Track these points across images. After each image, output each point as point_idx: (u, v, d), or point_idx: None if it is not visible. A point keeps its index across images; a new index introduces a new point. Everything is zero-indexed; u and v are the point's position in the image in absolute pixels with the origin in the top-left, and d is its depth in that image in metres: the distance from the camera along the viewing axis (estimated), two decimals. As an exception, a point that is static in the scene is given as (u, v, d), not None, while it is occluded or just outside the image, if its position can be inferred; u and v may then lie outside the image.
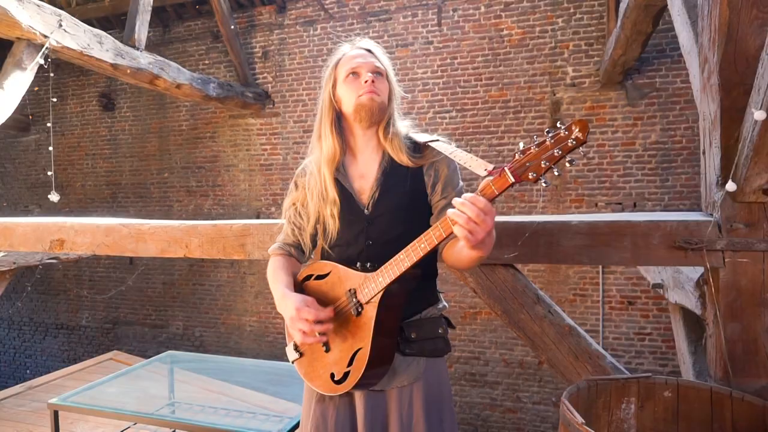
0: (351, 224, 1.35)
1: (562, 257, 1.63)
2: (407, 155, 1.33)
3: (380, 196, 1.34)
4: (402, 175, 1.34)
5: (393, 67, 1.42)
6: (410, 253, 1.15)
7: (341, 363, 1.24)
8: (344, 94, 1.34)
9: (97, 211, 7.48)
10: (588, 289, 5.41)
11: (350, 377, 1.21)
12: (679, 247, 1.51)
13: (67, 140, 7.71)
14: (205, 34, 6.88)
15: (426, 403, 1.30)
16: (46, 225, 2.39)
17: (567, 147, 0.99)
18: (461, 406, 5.83)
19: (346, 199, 1.35)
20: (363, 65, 1.33)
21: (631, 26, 3.54)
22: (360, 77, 1.32)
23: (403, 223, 1.31)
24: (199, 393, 3.02)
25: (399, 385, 1.30)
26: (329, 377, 1.26)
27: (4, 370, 8.38)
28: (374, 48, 1.40)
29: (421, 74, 5.89)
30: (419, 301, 1.34)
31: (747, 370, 1.48)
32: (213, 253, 2.07)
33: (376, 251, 1.29)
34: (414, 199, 1.34)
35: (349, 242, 1.35)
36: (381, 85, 1.34)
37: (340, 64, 1.37)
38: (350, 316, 1.25)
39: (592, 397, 1.49)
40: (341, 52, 1.40)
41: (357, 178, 1.38)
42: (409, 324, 1.32)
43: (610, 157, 5.30)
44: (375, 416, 1.28)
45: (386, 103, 1.35)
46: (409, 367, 1.30)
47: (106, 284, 7.53)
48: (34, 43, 3.70)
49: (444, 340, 1.38)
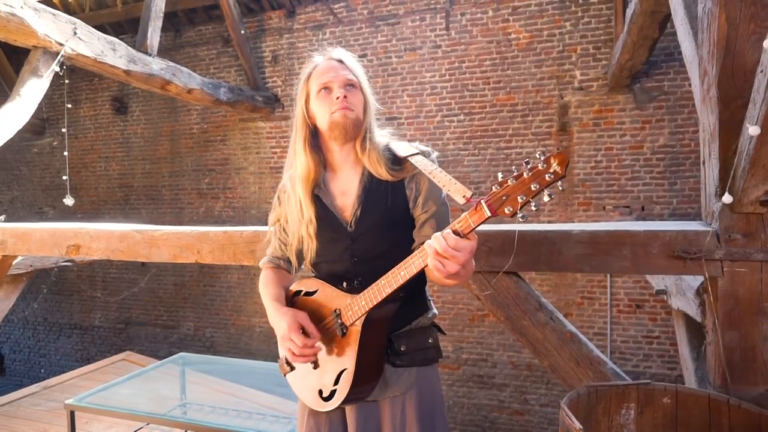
0: (335, 242, 1.33)
1: (563, 265, 1.67)
2: (386, 169, 1.30)
3: (362, 213, 1.32)
4: (383, 191, 1.31)
5: (366, 75, 1.38)
6: (391, 281, 1.15)
7: (328, 381, 1.25)
8: (317, 110, 1.31)
9: (109, 213, 7.60)
10: (596, 292, 5.42)
11: (337, 395, 1.23)
12: (678, 256, 1.54)
13: (81, 143, 7.84)
14: (215, 38, 6.97)
15: (419, 411, 1.30)
16: (63, 231, 2.46)
17: (545, 181, 0.96)
18: (469, 407, 5.85)
19: (328, 216, 1.34)
20: (334, 79, 1.29)
21: (637, 32, 3.56)
22: (332, 93, 1.29)
23: (387, 239, 1.30)
24: (210, 394, 3.08)
25: (391, 395, 1.30)
26: (318, 394, 1.27)
27: (19, 369, 8.54)
28: (346, 58, 1.35)
29: (429, 78, 5.93)
30: (409, 312, 1.33)
31: (745, 378, 1.51)
32: (224, 259, 2.13)
33: (362, 268, 1.29)
34: (397, 214, 1.32)
35: (335, 259, 1.34)
36: (354, 99, 1.30)
37: (311, 78, 1.33)
38: (336, 336, 1.26)
39: (592, 402, 1.52)
40: (313, 64, 1.35)
41: (338, 195, 1.36)
42: (398, 336, 1.31)
43: (618, 161, 5.31)
44: (368, 427, 1.30)
45: (361, 117, 1.31)
46: (401, 378, 1.31)
47: (119, 285, 7.65)
48: (49, 51, 3.79)
49: (435, 348, 1.37)
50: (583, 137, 5.41)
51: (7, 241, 2.59)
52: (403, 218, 1.33)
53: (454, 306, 5.85)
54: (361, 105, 1.32)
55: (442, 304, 5.90)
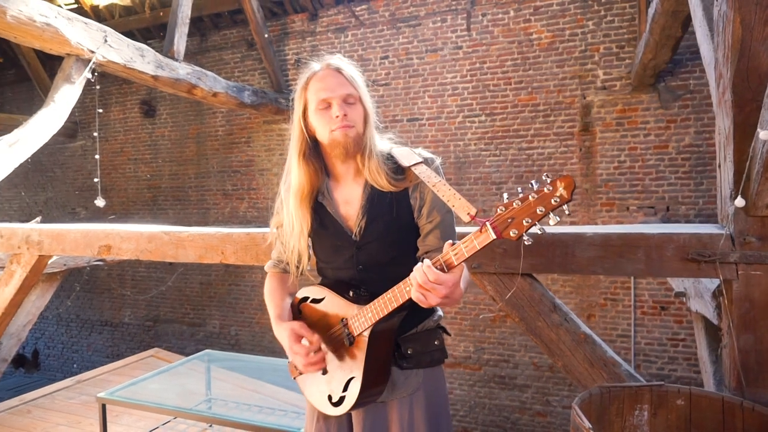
0: (339, 249, 1.34)
1: (577, 268, 1.69)
2: (388, 180, 1.28)
3: (367, 224, 1.32)
4: (387, 201, 1.31)
5: (366, 83, 1.35)
6: (397, 295, 1.16)
7: (337, 388, 1.28)
8: (317, 124, 1.29)
9: (138, 214, 7.82)
10: (619, 293, 5.36)
11: (346, 402, 1.25)
12: (693, 259, 1.55)
13: (111, 146, 8.08)
14: (240, 42, 7.11)
15: (426, 411, 1.33)
16: (95, 232, 2.57)
17: (551, 205, 0.96)
18: (490, 408, 5.86)
19: (332, 224, 1.34)
20: (333, 95, 1.26)
21: (659, 31, 3.52)
22: (331, 109, 1.26)
23: (392, 248, 1.31)
24: (234, 390, 3.17)
25: (399, 396, 1.33)
26: (327, 399, 1.29)
27: (52, 364, 8.85)
28: (345, 67, 1.31)
29: (451, 79, 5.94)
30: (415, 316, 1.33)
31: (760, 381, 1.51)
32: (247, 259, 2.20)
33: (368, 275, 1.30)
34: (401, 223, 1.32)
35: (340, 266, 1.36)
36: (354, 114, 1.28)
37: (309, 88, 1.30)
38: (344, 344, 1.28)
39: (604, 403, 1.54)
40: (310, 72, 1.32)
41: (342, 204, 1.35)
42: (405, 339, 1.33)
43: (642, 161, 5.24)
44: (376, 428, 1.33)
45: (361, 132, 1.29)
46: (408, 380, 1.33)
47: (147, 284, 7.86)
48: (81, 58, 3.94)
49: (440, 350, 1.39)
50: (606, 137, 5.36)
51: (44, 242, 2.71)
52: (408, 227, 1.33)
53: (476, 306, 5.86)
54: (361, 119, 1.29)
55: (464, 304, 5.91)
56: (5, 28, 3.49)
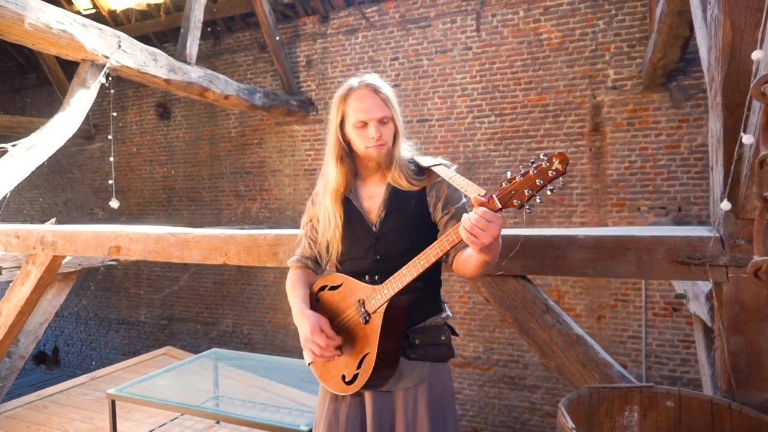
0: (360, 240, 1.47)
1: (569, 269, 1.70)
2: (408, 180, 1.44)
3: (386, 215, 1.46)
4: (407, 197, 1.46)
5: (397, 98, 1.48)
6: (411, 269, 1.27)
7: (351, 366, 1.37)
8: (353, 137, 1.44)
9: (154, 215, 7.96)
10: (630, 294, 5.32)
11: (359, 379, 1.34)
12: (683, 262, 1.56)
13: (127, 147, 8.24)
14: (252, 45, 7.20)
15: (430, 404, 1.41)
16: (105, 233, 2.65)
17: (548, 177, 1.08)
18: (500, 408, 5.86)
19: (356, 216, 1.48)
20: (370, 117, 1.40)
21: (667, 31, 3.50)
22: (368, 128, 1.41)
23: (408, 240, 1.42)
24: (241, 388, 3.24)
25: (405, 386, 1.41)
26: (341, 378, 1.39)
27: (72, 361, 9.06)
28: (382, 87, 1.44)
29: (460, 79, 5.95)
30: (424, 310, 1.45)
31: (750, 384, 1.51)
32: (249, 260, 2.26)
33: (384, 266, 1.40)
34: (418, 218, 1.45)
35: (359, 257, 1.48)
36: (387, 133, 1.43)
37: (348, 103, 1.43)
38: (359, 324, 1.38)
39: (594, 404, 1.56)
40: (348, 87, 1.45)
41: (366, 198, 1.50)
42: (414, 331, 1.44)
43: (654, 161, 5.20)
44: (383, 415, 1.41)
45: (391, 148, 1.45)
46: (414, 371, 1.42)
47: (162, 283, 8.01)
48: (96, 63, 4.04)
49: (447, 346, 1.48)
50: (616, 137, 5.32)
51: (57, 243, 2.80)
52: (424, 222, 1.46)
53: (485, 307, 5.86)
54: (392, 136, 1.45)
55: (473, 305, 5.92)
56: (23, 35, 3.60)
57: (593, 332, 5.41)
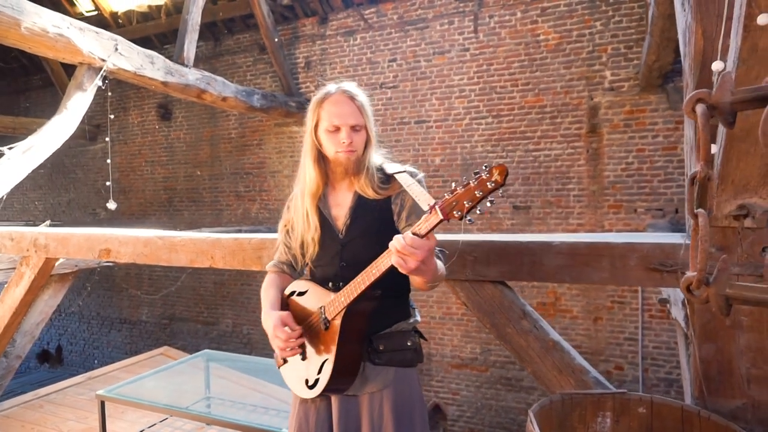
0: (328, 247, 1.50)
1: (545, 275, 1.71)
2: (374, 189, 1.46)
3: (352, 222, 1.48)
4: (373, 206, 1.47)
5: (372, 108, 1.50)
6: (365, 278, 1.29)
7: (313, 370, 1.41)
8: (324, 141, 1.46)
9: (155, 215, 8.02)
10: (626, 296, 5.32)
11: (319, 383, 1.37)
12: (655, 269, 1.56)
13: (129, 148, 8.30)
14: (252, 46, 7.24)
15: (395, 408, 1.42)
16: (96, 236, 2.68)
17: (487, 189, 1.09)
18: (497, 410, 5.86)
19: (324, 224, 1.51)
20: (343, 123, 1.42)
21: (659, 33, 3.49)
22: (340, 133, 1.43)
23: (373, 248, 1.39)
24: (233, 389, 3.27)
25: (370, 391, 1.43)
26: (304, 383, 1.43)
27: (75, 360, 9.14)
28: (357, 95, 1.46)
29: (458, 81, 5.96)
30: (389, 316, 1.47)
31: (721, 391, 1.51)
32: (234, 264, 2.28)
33: (349, 273, 1.39)
34: (383, 226, 1.46)
35: (326, 263, 1.50)
36: (358, 140, 1.45)
37: (324, 107, 1.45)
38: (321, 330, 1.40)
39: (566, 410, 1.57)
40: (325, 91, 1.48)
41: (334, 206, 1.52)
42: (378, 336, 1.45)
43: (651, 162, 5.19)
44: (349, 419, 1.43)
45: (362, 155, 1.47)
46: (379, 376, 1.43)
47: (163, 283, 8.06)
48: (93, 66, 4.09)
49: (413, 351, 1.49)
50: (613, 139, 5.31)
51: (50, 245, 2.84)
52: (389, 230, 1.44)
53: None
54: (363, 144, 1.47)
55: (470, 306, 5.92)
56: (20, 39, 3.64)
57: (590, 334, 5.41)
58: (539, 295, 5.65)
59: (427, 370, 6.17)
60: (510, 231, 5.74)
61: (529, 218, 5.68)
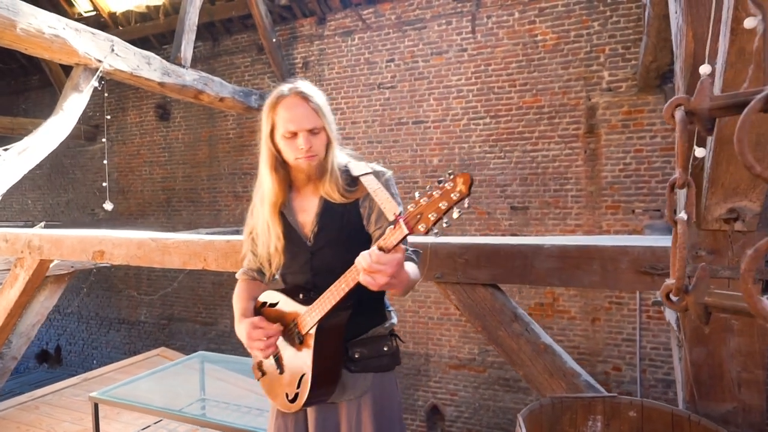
0: (296, 255, 1.44)
1: (536, 279, 1.71)
2: (341, 193, 1.38)
3: (320, 230, 1.41)
4: (340, 210, 1.40)
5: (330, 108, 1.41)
6: (334, 293, 1.24)
7: (292, 385, 1.36)
8: (283, 147, 1.38)
9: (153, 215, 8.02)
10: (624, 297, 5.30)
11: (299, 398, 1.34)
12: (645, 272, 1.56)
13: (128, 148, 8.30)
14: (250, 46, 7.23)
15: (374, 414, 1.40)
16: (90, 238, 2.68)
17: (451, 200, 1.02)
18: (494, 410, 5.85)
19: (290, 231, 1.44)
20: (299, 128, 1.33)
21: (655, 34, 3.48)
22: (297, 139, 1.34)
23: (344, 255, 1.32)
24: (229, 390, 3.26)
25: (348, 398, 1.41)
26: (284, 397, 1.38)
27: (74, 360, 9.14)
28: (311, 96, 1.36)
29: (456, 81, 5.95)
30: (364, 322, 1.42)
31: (712, 395, 1.51)
32: (227, 266, 2.28)
33: (321, 281, 1.34)
34: (353, 231, 1.40)
35: (297, 271, 1.45)
36: (318, 144, 1.36)
37: (278, 112, 1.36)
38: (296, 344, 1.37)
39: (556, 414, 1.56)
40: (278, 94, 1.37)
41: (300, 212, 1.45)
42: (354, 344, 1.41)
43: (648, 163, 5.17)
44: (327, 427, 1.41)
45: (323, 158, 1.38)
46: (357, 383, 1.40)
47: (162, 283, 8.06)
48: (89, 67, 4.08)
49: (391, 356, 1.45)
50: (611, 139, 5.30)
51: (44, 247, 2.84)
52: (359, 235, 1.40)
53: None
54: (324, 147, 1.38)
55: (468, 306, 5.91)
56: (15, 40, 3.64)
57: (588, 335, 5.40)
58: (537, 295, 5.64)
59: (425, 370, 6.17)
60: (508, 232, 5.73)
61: (526, 219, 5.67)
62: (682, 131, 0.75)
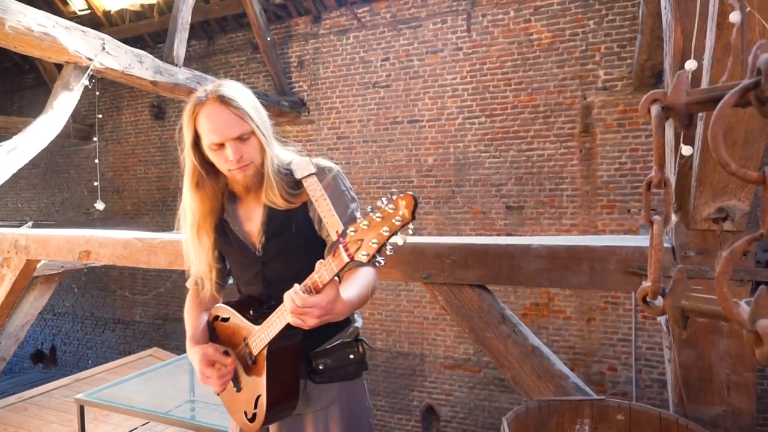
0: (246, 267, 1.35)
1: (524, 279, 1.68)
2: (284, 198, 1.26)
3: (267, 240, 1.31)
4: (287, 216, 1.29)
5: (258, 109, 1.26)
6: (281, 316, 1.14)
7: (249, 404, 1.29)
8: (214, 160, 1.25)
9: (148, 215, 7.98)
10: (620, 297, 5.28)
11: (257, 418, 1.26)
12: (634, 272, 1.53)
13: (123, 148, 8.26)
14: (245, 45, 7.20)
15: (343, 424, 1.33)
16: (76, 238, 2.64)
17: (394, 226, 0.92)
18: (490, 410, 5.83)
19: (236, 242, 1.35)
20: (225, 138, 1.20)
21: (649, 32, 3.46)
22: (225, 149, 1.21)
23: (296, 264, 1.27)
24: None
25: (314, 410, 1.33)
26: (243, 415, 1.31)
27: (69, 360, 9.10)
28: (233, 97, 1.20)
29: (451, 80, 5.92)
30: (327, 330, 1.28)
31: (701, 398, 1.48)
32: (213, 266, 2.24)
33: (275, 291, 1.25)
34: (303, 238, 1.30)
35: (249, 281, 1.36)
36: (249, 149, 1.23)
37: (199, 121, 1.22)
38: (249, 364, 1.29)
39: (543, 417, 1.53)
40: (195, 101, 1.22)
41: (245, 221, 1.34)
42: (317, 354, 1.32)
43: (644, 162, 5.15)
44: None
45: (260, 164, 1.25)
46: (322, 393, 1.33)
47: (157, 283, 8.02)
48: (80, 65, 4.04)
49: (357, 363, 1.36)
50: (606, 138, 5.28)
51: (30, 247, 2.80)
52: (310, 241, 1.31)
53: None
54: (257, 152, 1.24)
55: (463, 306, 5.89)
56: (4, 38, 3.59)
57: (583, 335, 5.38)
58: (532, 295, 5.61)
59: (420, 370, 6.14)
60: (503, 231, 5.70)
61: (522, 218, 5.64)
62: (657, 127, 0.72)
